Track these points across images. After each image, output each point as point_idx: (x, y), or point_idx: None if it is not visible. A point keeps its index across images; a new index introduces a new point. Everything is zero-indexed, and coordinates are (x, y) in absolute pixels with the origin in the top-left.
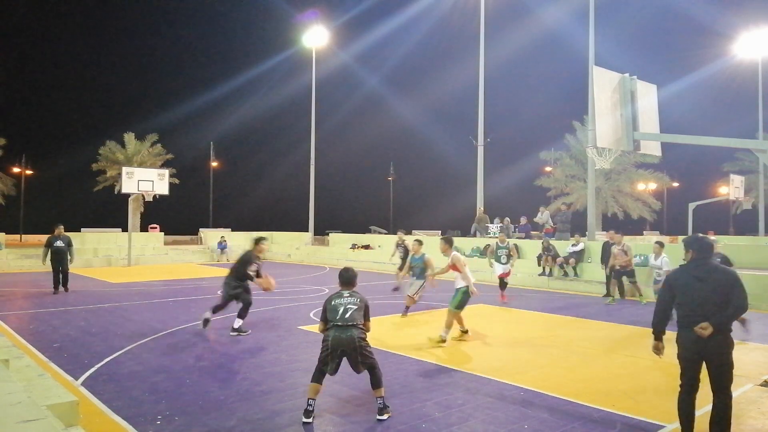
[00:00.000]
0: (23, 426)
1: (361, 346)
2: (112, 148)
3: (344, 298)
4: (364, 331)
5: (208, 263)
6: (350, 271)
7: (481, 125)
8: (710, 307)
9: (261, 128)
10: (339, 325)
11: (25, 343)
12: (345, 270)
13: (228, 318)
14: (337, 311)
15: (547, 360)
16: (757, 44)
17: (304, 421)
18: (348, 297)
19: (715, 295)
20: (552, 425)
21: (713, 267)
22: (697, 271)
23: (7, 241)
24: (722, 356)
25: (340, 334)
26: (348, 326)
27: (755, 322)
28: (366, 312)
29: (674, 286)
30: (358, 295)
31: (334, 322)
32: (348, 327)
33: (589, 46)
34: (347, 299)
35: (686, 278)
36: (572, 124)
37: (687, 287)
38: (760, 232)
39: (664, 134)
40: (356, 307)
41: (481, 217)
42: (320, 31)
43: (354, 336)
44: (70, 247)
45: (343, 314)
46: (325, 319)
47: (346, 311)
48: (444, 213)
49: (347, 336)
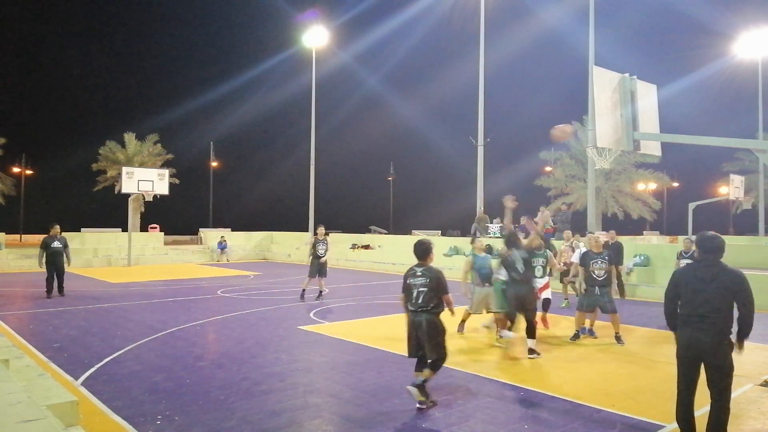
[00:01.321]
0: (23, 426)
1: (429, 333)
2: (113, 148)
3: (417, 278)
4: (435, 315)
5: (208, 263)
6: (424, 243)
7: (481, 125)
8: (713, 309)
9: (261, 128)
10: (412, 310)
11: (25, 343)
12: (419, 243)
13: (228, 318)
14: (411, 293)
15: (547, 360)
16: (757, 44)
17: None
18: (420, 277)
19: (719, 298)
20: (552, 425)
21: (721, 268)
22: (702, 272)
23: (7, 241)
24: (721, 358)
25: (413, 318)
26: (419, 311)
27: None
28: (439, 287)
29: (679, 284)
30: (430, 273)
31: (410, 305)
32: (419, 312)
33: (589, 46)
34: (419, 279)
35: (690, 278)
36: (572, 124)
37: (691, 287)
38: (760, 232)
39: (664, 134)
40: (427, 289)
41: (481, 217)
42: (320, 31)
43: (423, 322)
44: (66, 248)
45: (416, 299)
46: (403, 290)
47: (418, 296)
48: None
49: (418, 321)
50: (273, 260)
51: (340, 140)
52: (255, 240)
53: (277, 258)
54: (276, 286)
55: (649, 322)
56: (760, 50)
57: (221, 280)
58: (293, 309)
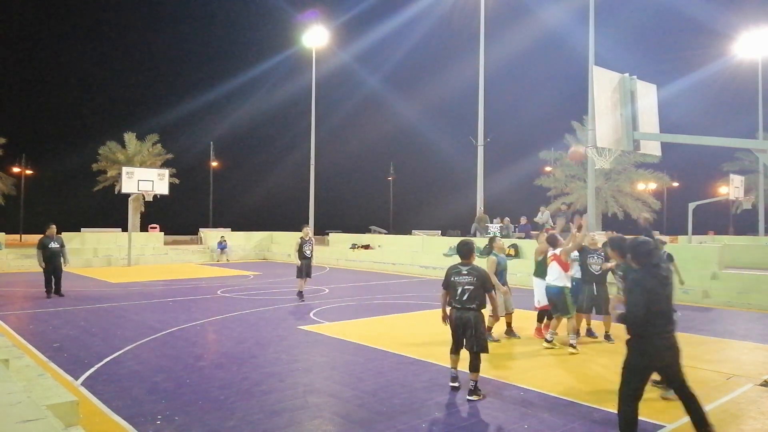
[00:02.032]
0: (23, 426)
1: (475, 330)
2: (113, 148)
3: (462, 276)
4: (480, 311)
5: (208, 263)
6: (468, 243)
7: (481, 125)
8: (670, 312)
9: (261, 128)
10: (458, 307)
11: (25, 343)
12: (464, 243)
13: (228, 318)
14: (456, 290)
15: (547, 360)
16: (757, 44)
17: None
18: (466, 275)
19: (670, 300)
20: (552, 425)
21: (669, 270)
22: (661, 277)
23: (7, 241)
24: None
25: (461, 315)
26: (466, 308)
27: (755, 322)
28: (485, 286)
29: (650, 291)
30: (476, 272)
31: (454, 302)
32: (466, 309)
33: (589, 46)
34: (465, 278)
35: (655, 284)
36: (572, 124)
37: (656, 294)
38: (760, 232)
39: (664, 134)
40: (473, 287)
41: (481, 217)
42: (320, 31)
43: (470, 318)
44: (63, 248)
45: (461, 296)
46: (446, 287)
47: (463, 293)
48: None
49: (465, 318)
50: (273, 260)
51: (340, 140)
52: (255, 240)
53: (277, 258)
54: (276, 286)
55: None
56: (760, 50)
57: (221, 280)
58: (293, 309)
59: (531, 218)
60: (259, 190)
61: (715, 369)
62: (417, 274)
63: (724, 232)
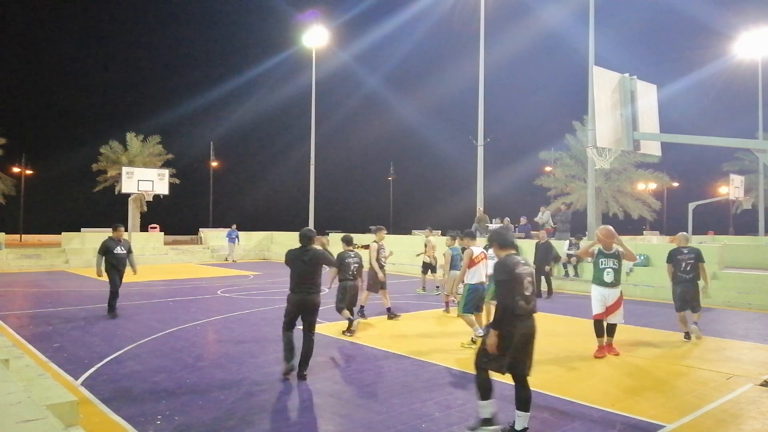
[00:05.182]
0: (23, 426)
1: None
2: (113, 147)
3: (526, 267)
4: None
5: (208, 263)
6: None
7: (481, 125)
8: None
9: (261, 128)
10: (529, 304)
11: (25, 343)
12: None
13: (228, 318)
14: (523, 286)
15: (547, 360)
16: (757, 44)
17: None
18: (526, 265)
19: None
20: (552, 425)
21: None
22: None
23: (7, 241)
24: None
25: (531, 310)
26: (535, 305)
27: (755, 322)
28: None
29: (516, 278)
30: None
31: (522, 299)
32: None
33: (589, 46)
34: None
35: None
36: (572, 124)
37: (523, 280)
38: (760, 232)
39: (664, 134)
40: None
41: (481, 217)
42: (320, 31)
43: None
44: (130, 254)
45: (527, 288)
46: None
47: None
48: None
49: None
50: (273, 260)
51: (340, 140)
52: (255, 240)
53: (277, 258)
54: (276, 286)
55: (650, 323)
56: (760, 50)
57: (221, 280)
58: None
59: (531, 218)
60: (259, 190)
61: (715, 369)
62: (417, 274)
63: (724, 232)
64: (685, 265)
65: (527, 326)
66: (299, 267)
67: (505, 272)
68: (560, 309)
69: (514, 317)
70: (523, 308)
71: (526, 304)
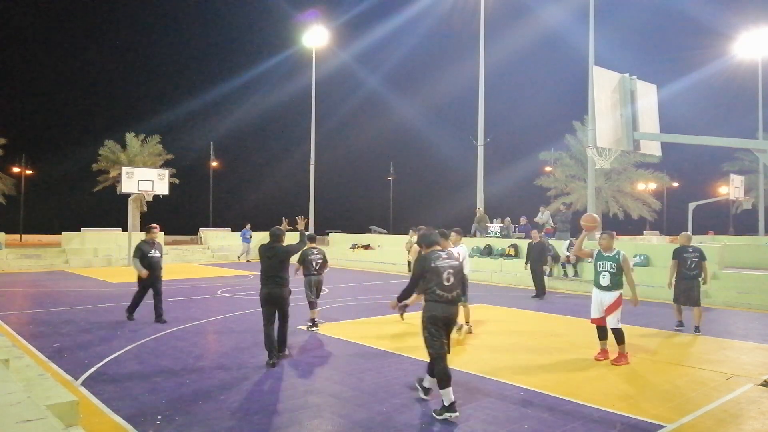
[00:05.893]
0: (23, 426)
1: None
2: (113, 148)
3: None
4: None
5: (208, 263)
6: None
7: (481, 125)
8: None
9: (261, 128)
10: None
11: (25, 343)
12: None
13: (228, 318)
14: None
15: (547, 360)
16: (757, 44)
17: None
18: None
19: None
20: (552, 425)
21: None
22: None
23: (7, 241)
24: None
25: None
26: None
27: (755, 322)
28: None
29: (433, 270)
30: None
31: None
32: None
33: (589, 46)
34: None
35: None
36: (572, 124)
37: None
38: (760, 232)
39: (664, 134)
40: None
41: (481, 217)
42: (320, 31)
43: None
44: (161, 257)
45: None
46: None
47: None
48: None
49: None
50: None
51: (340, 140)
52: (255, 240)
53: None
54: None
55: (650, 323)
56: (760, 50)
57: (221, 280)
58: (293, 309)
59: (531, 218)
60: (259, 190)
61: (715, 369)
62: None
63: (724, 232)
64: (690, 262)
65: (450, 312)
66: (265, 263)
67: (421, 265)
68: (560, 309)
69: (434, 303)
70: (441, 296)
71: (443, 292)
